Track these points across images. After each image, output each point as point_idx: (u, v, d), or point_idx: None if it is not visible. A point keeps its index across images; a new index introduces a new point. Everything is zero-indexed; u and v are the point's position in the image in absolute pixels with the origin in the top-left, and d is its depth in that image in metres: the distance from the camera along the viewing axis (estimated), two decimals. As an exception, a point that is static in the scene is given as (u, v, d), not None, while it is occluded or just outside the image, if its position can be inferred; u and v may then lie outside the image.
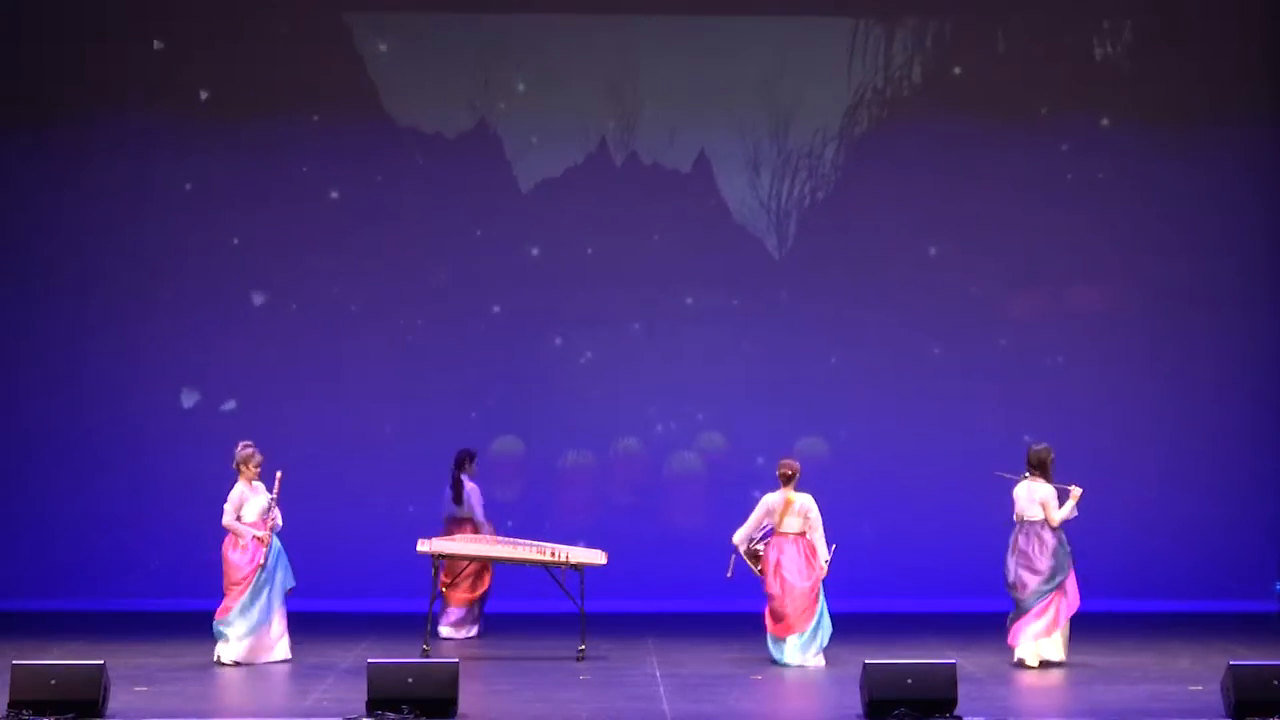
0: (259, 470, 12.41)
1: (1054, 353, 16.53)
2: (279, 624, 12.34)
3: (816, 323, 16.35)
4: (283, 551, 12.39)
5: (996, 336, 16.56)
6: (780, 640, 12.28)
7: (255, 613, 12.19)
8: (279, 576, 12.32)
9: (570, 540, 13.68)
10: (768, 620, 12.38)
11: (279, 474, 12.31)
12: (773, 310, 16.30)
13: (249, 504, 12.34)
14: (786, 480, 12.40)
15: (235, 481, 12.39)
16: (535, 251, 16.30)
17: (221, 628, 12.19)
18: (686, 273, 16.29)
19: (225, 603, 12.26)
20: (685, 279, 16.29)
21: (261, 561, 12.20)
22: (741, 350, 16.30)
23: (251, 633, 12.18)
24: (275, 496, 12.32)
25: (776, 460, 12.69)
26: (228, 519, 12.31)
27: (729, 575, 12.53)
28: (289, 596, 12.43)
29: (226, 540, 12.35)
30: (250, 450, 12.43)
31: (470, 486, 13.71)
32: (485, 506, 13.74)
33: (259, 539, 12.24)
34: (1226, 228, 16.57)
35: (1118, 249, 16.58)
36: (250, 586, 12.18)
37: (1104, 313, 16.61)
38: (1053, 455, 12.33)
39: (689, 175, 16.33)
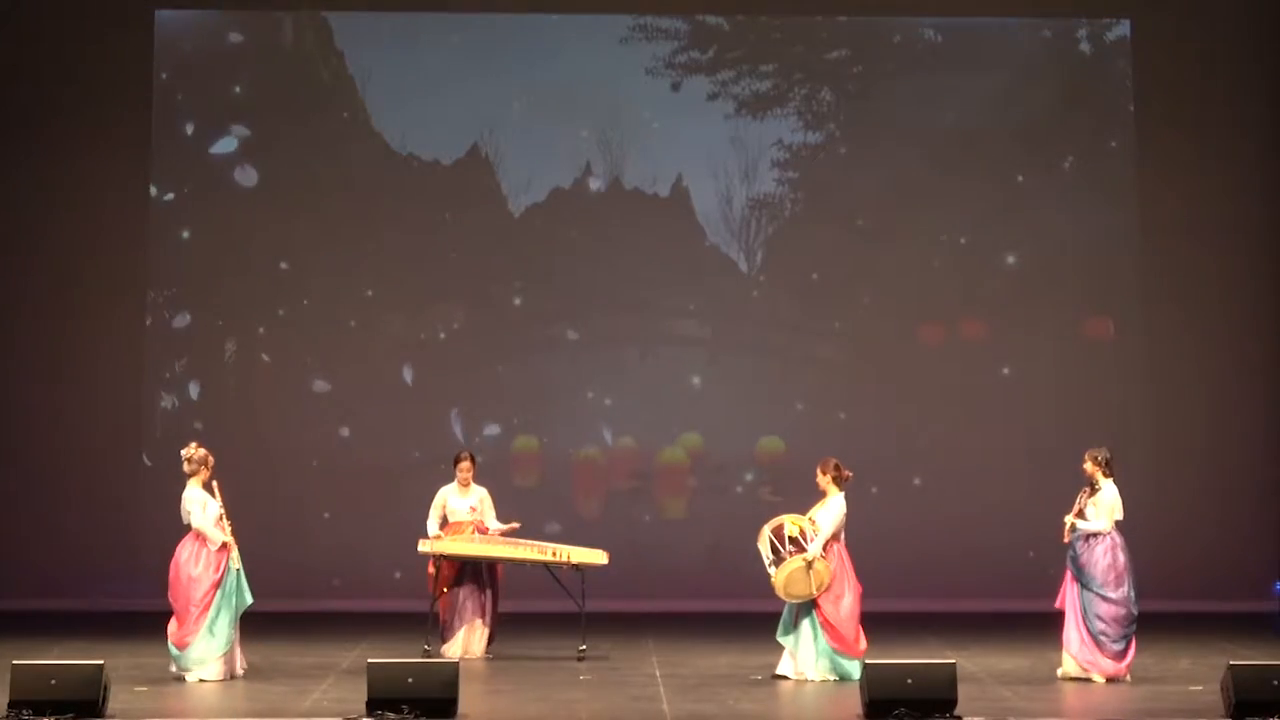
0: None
1: (1050, 354, 16.55)
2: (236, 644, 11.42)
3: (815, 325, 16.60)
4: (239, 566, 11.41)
5: (991, 338, 16.61)
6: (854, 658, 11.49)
7: (221, 639, 11.27)
8: (236, 598, 11.34)
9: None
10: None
11: (215, 484, 11.35)
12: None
13: (210, 508, 11.36)
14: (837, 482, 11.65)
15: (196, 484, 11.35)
16: (547, 269, 16.70)
17: (183, 661, 11.25)
18: (669, 287, 16.66)
19: (183, 629, 11.26)
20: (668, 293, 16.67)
21: (218, 577, 11.26)
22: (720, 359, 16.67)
23: (220, 657, 11.30)
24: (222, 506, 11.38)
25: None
26: (202, 522, 11.30)
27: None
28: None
29: (183, 553, 11.35)
30: (202, 450, 11.43)
31: (474, 488, 13.46)
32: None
33: (226, 545, 11.32)
34: (1229, 228, 16.61)
35: (1111, 250, 16.59)
36: (212, 607, 11.24)
37: (1100, 314, 16.62)
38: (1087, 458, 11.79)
39: (668, 199, 16.72)
